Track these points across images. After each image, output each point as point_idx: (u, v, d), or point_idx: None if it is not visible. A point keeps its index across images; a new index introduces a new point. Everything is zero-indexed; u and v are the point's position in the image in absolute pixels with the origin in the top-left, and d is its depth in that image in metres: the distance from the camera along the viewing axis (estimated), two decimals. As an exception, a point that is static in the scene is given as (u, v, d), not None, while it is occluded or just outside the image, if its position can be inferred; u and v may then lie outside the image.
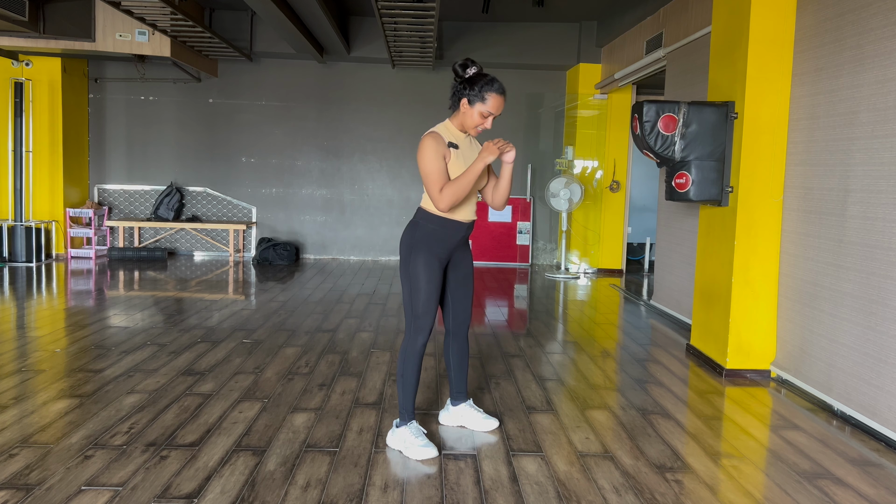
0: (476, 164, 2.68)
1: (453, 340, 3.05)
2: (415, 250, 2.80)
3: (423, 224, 2.82)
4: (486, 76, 2.72)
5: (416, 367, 2.82)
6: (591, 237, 8.60)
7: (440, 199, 2.68)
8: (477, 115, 2.72)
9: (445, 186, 2.68)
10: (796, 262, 3.87)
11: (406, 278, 2.81)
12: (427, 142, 2.70)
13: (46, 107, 8.15)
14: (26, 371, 3.73)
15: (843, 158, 3.47)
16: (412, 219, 2.89)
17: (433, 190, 2.69)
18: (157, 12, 6.29)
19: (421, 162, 2.71)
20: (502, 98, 2.72)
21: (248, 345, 4.45)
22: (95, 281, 6.82)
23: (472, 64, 2.74)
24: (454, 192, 2.68)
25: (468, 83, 2.72)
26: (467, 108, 2.73)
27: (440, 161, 2.70)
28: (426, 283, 2.77)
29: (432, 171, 2.68)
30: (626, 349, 4.68)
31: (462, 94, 2.74)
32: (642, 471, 2.71)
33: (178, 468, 2.58)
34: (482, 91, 2.69)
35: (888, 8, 3.17)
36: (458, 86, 2.76)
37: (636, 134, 4.15)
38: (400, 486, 2.51)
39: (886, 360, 3.12)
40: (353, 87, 8.93)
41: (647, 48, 6.61)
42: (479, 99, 2.70)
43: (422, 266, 2.78)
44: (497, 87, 2.71)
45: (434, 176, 2.68)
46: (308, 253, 9.13)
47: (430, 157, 2.68)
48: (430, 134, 2.74)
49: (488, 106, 2.70)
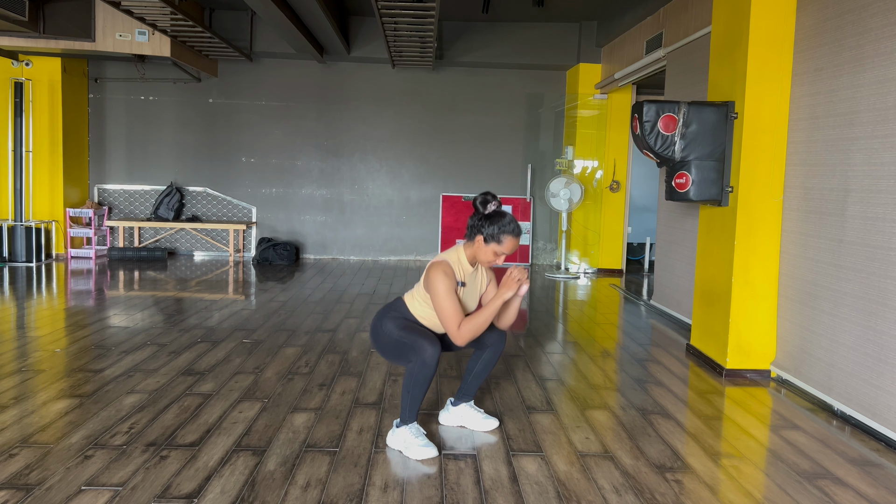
0: (495, 301, 2.75)
1: (489, 352, 3.03)
2: (384, 324, 2.89)
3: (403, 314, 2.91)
4: (504, 217, 2.78)
5: (426, 387, 2.78)
6: (591, 237, 8.60)
7: (459, 336, 2.75)
8: (491, 253, 2.79)
9: (464, 323, 2.74)
10: (796, 262, 3.87)
11: (387, 345, 2.87)
12: (440, 276, 2.75)
13: (46, 107, 8.15)
14: (26, 371, 3.73)
15: (843, 158, 3.47)
16: (386, 306, 2.97)
17: (451, 326, 2.74)
18: (157, 12, 6.29)
19: (435, 297, 2.76)
20: (517, 241, 2.80)
21: (248, 345, 4.45)
22: (95, 281, 6.82)
23: (492, 199, 2.80)
24: (474, 331, 2.75)
25: (487, 220, 2.78)
26: (482, 245, 2.79)
27: (454, 298, 2.76)
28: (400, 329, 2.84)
29: (449, 307, 2.74)
30: (626, 349, 4.68)
31: (479, 231, 2.79)
32: (642, 471, 2.71)
33: (178, 468, 2.58)
34: (499, 234, 2.76)
35: (888, 8, 3.17)
36: (477, 221, 2.81)
37: (636, 134, 4.15)
38: (400, 486, 2.51)
39: (886, 360, 3.12)
40: (353, 87, 8.94)
41: (647, 48, 6.61)
42: (496, 241, 2.76)
43: (389, 323, 2.88)
44: (513, 230, 2.77)
45: (451, 312, 2.74)
46: (308, 253, 9.13)
47: (445, 293, 2.74)
48: (442, 265, 2.78)
49: (503, 247, 2.77)
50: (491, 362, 3.05)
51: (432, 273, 2.76)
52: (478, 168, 9.06)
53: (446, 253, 2.88)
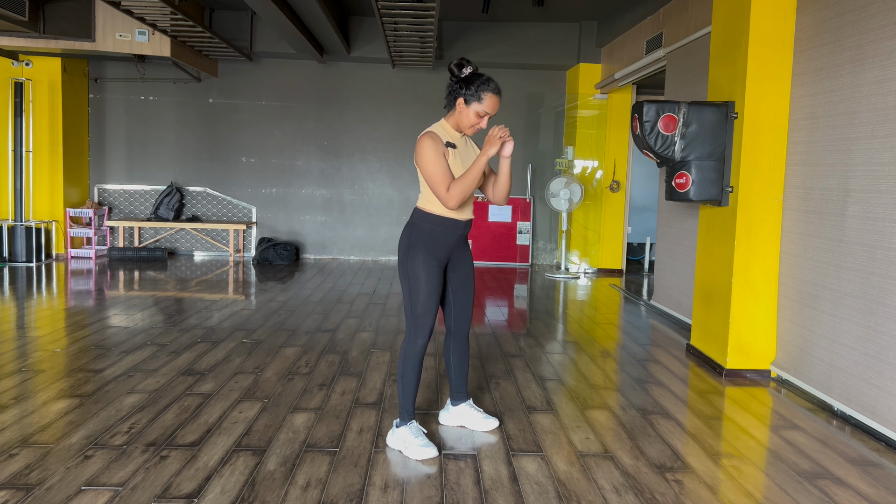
0: (480, 158, 2.68)
1: (454, 341, 3.05)
2: (413, 251, 2.79)
3: (421, 224, 2.81)
4: (482, 76, 2.72)
5: (416, 368, 2.82)
6: (591, 237, 8.60)
7: (449, 198, 2.68)
8: (473, 114, 2.72)
9: (452, 185, 2.68)
10: (796, 262, 3.87)
11: (405, 279, 2.81)
12: (426, 142, 2.69)
13: (46, 107, 8.15)
14: (26, 371, 3.73)
15: (843, 158, 3.47)
16: (409, 220, 2.89)
17: (440, 189, 2.68)
18: (157, 12, 6.29)
19: (422, 162, 2.70)
20: (498, 98, 2.72)
21: (248, 345, 4.45)
22: (95, 281, 6.82)
23: (467, 63, 2.73)
24: (462, 190, 2.68)
25: (464, 82, 2.71)
26: (463, 108, 2.73)
27: (442, 160, 2.69)
28: (425, 282, 2.77)
29: (437, 170, 2.67)
30: (626, 349, 4.68)
31: (458, 94, 2.73)
32: (642, 471, 2.71)
33: (178, 468, 2.58)
34: (478, 91, 2.68)
35: (888, 8, 3.17)
36: (454, 85, 2.75)
37: (636, 134, 4.15)
38: (400, 486, 2.51)
39: (886, 360, 3.12)
40: (353, 87, 8.93)
41: (647, 48, 6.60)
42: (476, 98, 2.69)
43: (421, 266, 2.78)
44: (493, 87, 2.70)
45: (439, 175, 2.68)
46: (308, 253, 9.13)
47: (432, 158, 2.67)
48: (427, 134, 2.74)
49: (484, 105, 2.70)
50: (462, 352, 3.05)
51: (418, 145, 2.71)
52: (478, 168, 9.04)
53: (430, 127, 2.82)
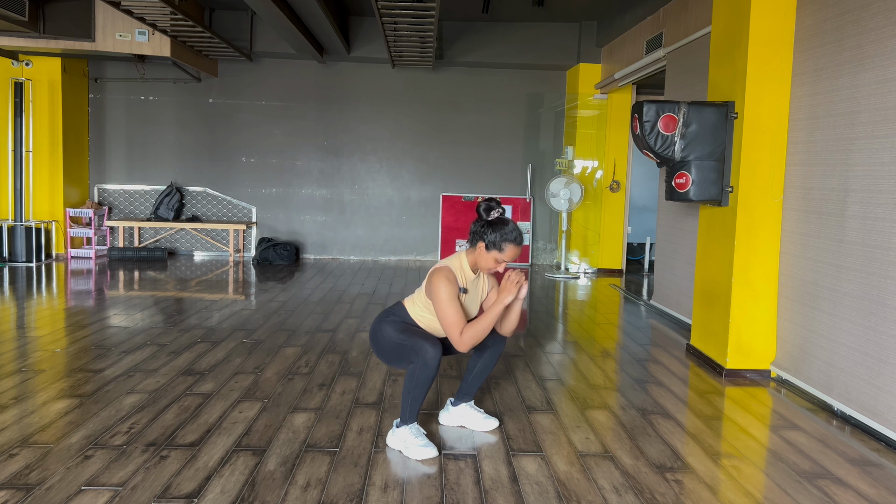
0: (496, 307, 2.74)
1: (489, 353, 3.03)
2: (383, 328, 2.90)
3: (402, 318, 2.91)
4: (507, 224, 2.77)
5: (427, 388, 2.78)
6: (591, 237, 8.60)
7: (461, 343, 2.75)
8: (492, 260, 2.79)
9: (466, 330, 2.74)
10: (796, 262, 3.87)
11: (386, 348, 2.88)
12: (442, 281, 2.75)
13: (46, 107, 8.15)
14: (26, 371, 3.73)
15: (843, 158, 3.47)
16: (386, 310, 2.99)
17: (453, 332, 2.74)
18: (157, 12, 6.29)
19: (436, 302, 2.76)
20: (518, 249, 2.80)
21: (248, 345, 4.45)
22: (95, 281, 6.82)
23: (496, 206, 2.80)
24: (476, 337, 2.75)
25: (489, 227, 2.77)
26: (483, 252, 2.79)
27: (457, 304, 2.76)
28: (399, 332, 2.84)
29: (452, 315, 2.74)
30: (626, 349, 4.68)
31: (481, 238, 2.79)
32: (642, 471, 2.71)
33: (178, 468, 2.58)
34: (500, 241, 2.75)
35: (888, 8, 3.17)
36: (479, 227, 2.81)
37: (636, 134, 4.15)
38: (400, 486, 2.51)
39: (886, 360, 3.12)
40: (353, 87, 8.94)
41: (647, 48, 6.60)
42: (497, 248, 2.76)
43: (388, 327, 2.88)
44: (514, 239, 2.77)
45: (454, 319, 2.74)
46: (308, 253, 9.13)
47: (447, 300, 2.74)
48: (445, 271, 2.78)
49: (504, 255, 2.77)
50: (491, 363, 3.05)
51: (435, 279, 2.76)
52: (478, 168, 9.06)
53: (448, 259, 2.88)
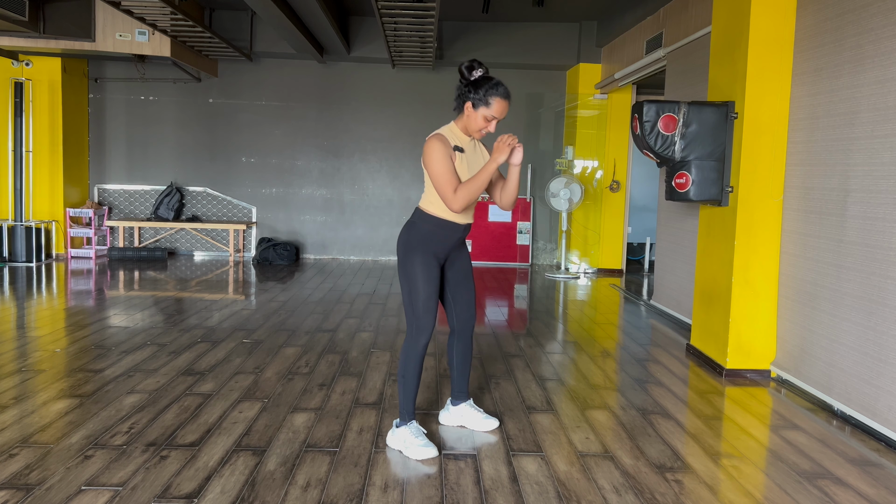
0: (489, 165, 2.68)
1: (457, 340, 3.04)
2: (411, 251, 2.79)
3: (421, 225, 2.82)
4: (492, 80, 2.71)
5: (417, 368, 2.82)
6: (591, 237, 8.60)
7: (454, 200, 2.68)
8: (481, 118, 2.72)
9: (459, 188, 2.68)
10: (796, 262, 3.87)
11: (405, 279, 2.81)
12: (434, 144, 2.69)
13: (46, 107, 8.15)
14: (26, 371, 3.73)
15: (843, 158, 3.47)
16: (409, 219, 2.89)
17: (446, 191, 2.68)
18: (157, 12, 6.29)
19: (430, 164, 2.69)
20: (507, 103, 2.72)
21: (248, 345, 4.45)
22: (95, 281, 6.82)
23: (478, 66, 2.72)
24: (468, 194, 2.68)
25: (473, 86, 2.71)
26: (471, 112, 2.73)
27: (450, 162, 2.69)
28: (424, 282, 2.77)
29: (443, 172, 2.68)
30: (626, 349, 4.68)
31: (467, 97, 2.73)
32: (642, 471, 2.71)
33: (178, 468, 2.58)
34: (487, 95, 2.68)
35: (888, 8, 3.17)
36: (464, 88, 2.74)
37: (636, 134, 4.15)
38: (400, 486, 2.51)
39: (886, 360, 3.12)
40: (353, 87, 8.94)
41: (647, 48, 6.60)
42: (484, 103, 2.69)
43: (419, 266, 2.78)
44: (502, 92, 2.70)
45: (446, 177, 2.68)
46: (308, 253, 9.13)
47: (439, 159, 2.67)
48: (435, 136, 2.74)
49: (492, 110, 2.70)
50: (465, 350, 3.05)
51: (426, 146, 2.71)
52: (478, 168, 9.04)
53: (439, 129, 2.82)
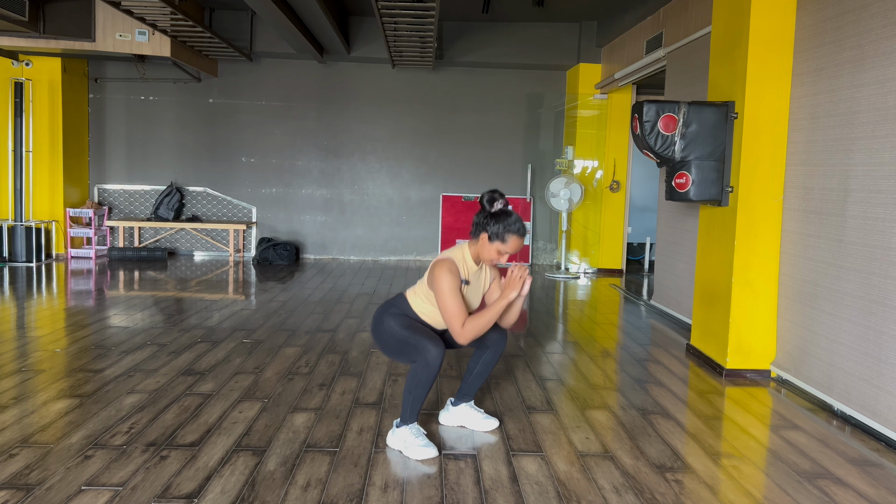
0: (500, 302, 2.74)
1: (490, 352, 3.03)
2: (385, 321, 2.89)
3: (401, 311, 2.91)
4: (510, 216, 2.77)
5: (428, 388, 2.77)
6: (591, 237, 8.60)
7: (462, 335, 2.73)
8: (494, 251, 2.78)
9: (468, 323, 2.73)
10: (796, 262, 3.87)
11: (389, 342, 2.86)
12: (445, 273, 2.74)
13: (46, 107, 8.15)
14: (26, 371, 3.73)
15: (843, 158, 3.47)
16: (387, 302, 2.97)
17: (454, 324, 2.73)
18: (157, 12, 6.29)
19: (439, 294, 2.74)
20: (521, 240, 2.79)
21: (248, 345, 4.45)
22: (95, 281, 6.82)
23: (499, 198, 2.79)
24: (478, 330, 2.74)
25: (492, 219, 2.77)
26: (486, 243, 2.79)
27: (459, 296, 2.75)
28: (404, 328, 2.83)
29: (453, 307, 2.73)
30: (626, 349, 4.68)
31: (484, 229, 2.78)
32: (642, 471, 2.71)
33: (178, 468, 2.58)
34: (503, 232, 2.74)
35: (888, 8, 3.17)
36: (482, 219, 2.80)
37: (636, 134, 4.15)
38: (400, 486, 2.51)
39: (886, 360, 3.12)
40: (353, 87, 8.94)
41: (647, 48, 6.60)
42: (500, 239, 2.75)
43: (392, 321, 2.87)
44: (517, 230, 2.76)
45: (456, 311, 2.73)
46: (308, 253, 9.13)
47: (449, 292, 2.73)
48: (447, 262, 2.77)
49: (507, 247, 2.76)
50: (492, 362, 3.05)
51: (437, 270, 2.75)
52: (478, 168, 9.06)
53: (451, 251, 2.87)
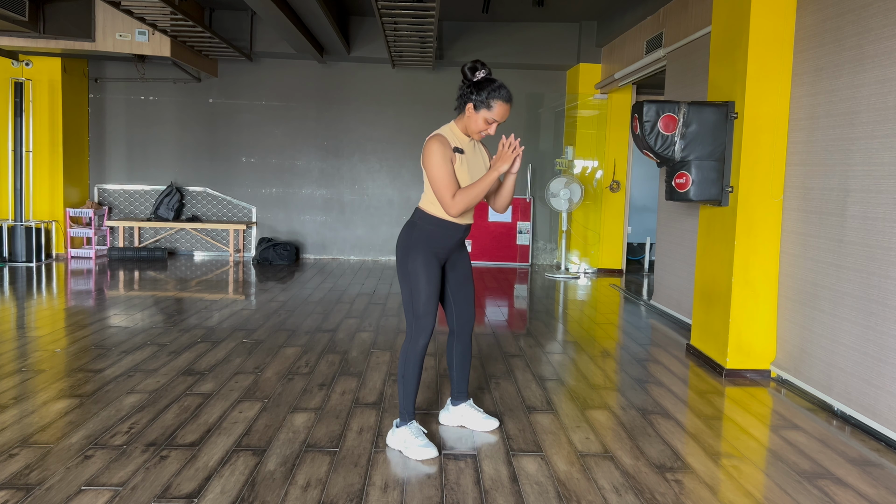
0: (490, 174, 2.68)
1: (456, 341, 3.04)
2: (412, 251, 2.78)
3: (421, 225, 2.81)
4: (494, 82, 2.70)
5: (417, 369, 2.82)
6: (591, 237, 8.60)
7: (452, 205, 2.67)
8: (481, 120, 2.71)
9: (458, 193, 2.68)
10: (796, 262, 3.87)
11: (405, 279, 2.80)
12: (434, 145, 2.68)
13: (46, 107, 8.15)
14: (26, 371, 3.73)
15: (843, 158, 3.47)
16: (410, 219, 2.88)
17: (445, 195, 2.67)
18: (157, 12, 6.29)
19: (429, 166, 2.68)
20: (508, 106, 2.71)
21: (248, 345, 4.45)
22: (95, 281, 6.82)
23: (481, 67, 2.71)
24: (467, 201, 2.68)
25: (476, 87, 2.69)
26: (472, 113, 2.71)
27: (449, 166, 2.68)
28: (426, 283, 2.77)
29: (443, 176, 2.66)
30: (626, 349, 4.68)
31: (468, 98, 2.71)
32: (642, 471, 2.71)
33: (178, 468, 2.58)
34: (489, 98, 2.67)
35: (888, 8, 3.17)
36: (466, 89, 2.73)
37: (636, 134, 4.15)
38: (400, 486, 2.51)
39: (886, 360, 3.12)
40: (353, 87, 8.94)
41: (647, 48, 6.60)
42: (485, 106, 2.68)
43: (421, 266, 2.77)
44: (503, 95, 2.69)
45: (445, 181, 2.67)
46: (308, 253, 9.13)
47: (439, 162, 2.66)
48: (435, 137, 2.72)
49: (493, 113, 2.68)
50: (465, 352, 3.04)
51: (426, 147, 2.69)
52: (478, 168, 9.05)
53: (439, 129, 2.81)
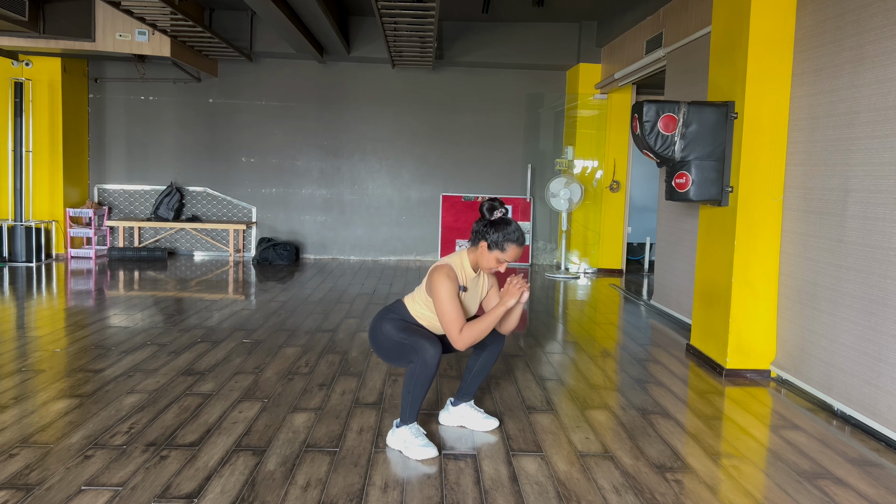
0: (498, 309, 2.75)
1: (488, 352, 3.04)
2: (385, 322, 2.91)
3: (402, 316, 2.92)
4: (510, 225, 2.78)
5: (428, 383, 2.78)
6: (591, 237, 8.60)
7: (459, 340, 2.75)
8: (493, 260, 2.79)
9: (465, 328, 2.74)
10: (796, 262, 3.87)
11: (382, 341, 2.88)
12: (443, 279, 2.74)
13: (46, 107, 8.15)
14: (26, 371, 3.73)
15: (843, 158, 3.47)
16: (385, 308, 2.99)
17: (452, 330, 2.74)
18: (157, 12, 6.29)
19: (437, 300, 2.76)
20: (520, 249, 2.80)
21: (248, 345, 4.45)
22: (95, 281, 6.82)
23: (499, 206, 2.80)
24: (475, 335, 2.75)
25: (492, 227, 2.78)
26: (485, 251, 2.80)
27: (457, 301, 2.76)
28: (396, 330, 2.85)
29: (451, 310, 2.74)
30: (626, 349, 4.68)
31: (484, 237, 2.79)
32: (642, 471, 2.71)
33: (178, 468, 2.58)
34: (503, 241, 2.76)
35: (888, 8, 3.17)
36: (482, 227, 2.81)
37: (636, 134, 4.15)
38: (400, 486, 2.51)
39: (886, 360, 3.12)
40: (353, 87, 8.94)
41: (647, 48, 6.61)
42: (499, 248, 2.76)
43: (393, 322, 2.89)
44: (517, 239, 2.77)
45: (453, 315, 2.74)
46: (308, 253, 9.13)
47: (447, 298, 2.74)
48: (445, 268, 2.78)
49: (506, 255, 2.77)
50: (490, 362, 3.05)
51: (435, 276, 2.76)
52: (478, 168, 9.06)
53: (449, 257, 2.88)
